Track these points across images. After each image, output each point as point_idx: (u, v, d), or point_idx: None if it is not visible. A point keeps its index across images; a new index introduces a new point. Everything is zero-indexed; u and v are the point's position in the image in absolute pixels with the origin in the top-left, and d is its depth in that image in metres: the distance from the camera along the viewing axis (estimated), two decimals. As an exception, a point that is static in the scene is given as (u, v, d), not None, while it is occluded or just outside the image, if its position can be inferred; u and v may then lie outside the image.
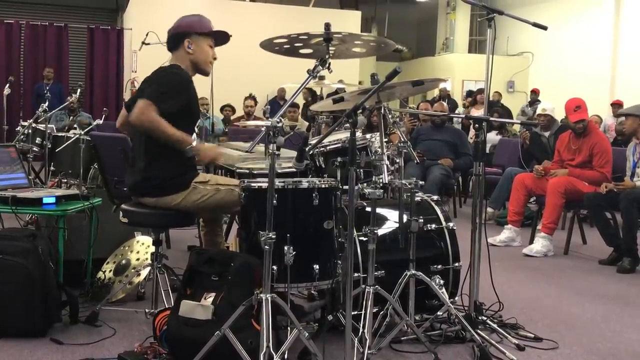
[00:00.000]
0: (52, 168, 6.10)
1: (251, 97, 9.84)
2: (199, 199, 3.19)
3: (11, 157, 3.69)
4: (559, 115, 7.01)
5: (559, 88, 13.15)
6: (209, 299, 2.72)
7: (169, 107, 3.06)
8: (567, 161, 5.65)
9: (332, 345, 2.92)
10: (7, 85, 7.34)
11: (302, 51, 3.19)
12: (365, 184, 2.97)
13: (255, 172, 3.37)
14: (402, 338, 3.06)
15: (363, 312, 2.73)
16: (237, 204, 3.11)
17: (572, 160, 5.59)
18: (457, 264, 3.35)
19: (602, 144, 5.51)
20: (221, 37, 3.38)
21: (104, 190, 4.36)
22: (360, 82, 12.77)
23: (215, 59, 3.36)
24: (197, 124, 3.35)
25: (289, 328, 2.76)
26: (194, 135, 3.29)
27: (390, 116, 3.15)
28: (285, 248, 2.67)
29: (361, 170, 3.05)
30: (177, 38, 3.27)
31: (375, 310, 2.89)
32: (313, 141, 3.04)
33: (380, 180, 2.90)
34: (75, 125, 8.40)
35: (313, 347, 2.58)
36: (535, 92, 13.48)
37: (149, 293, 3.55)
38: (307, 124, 9.12)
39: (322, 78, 3.24)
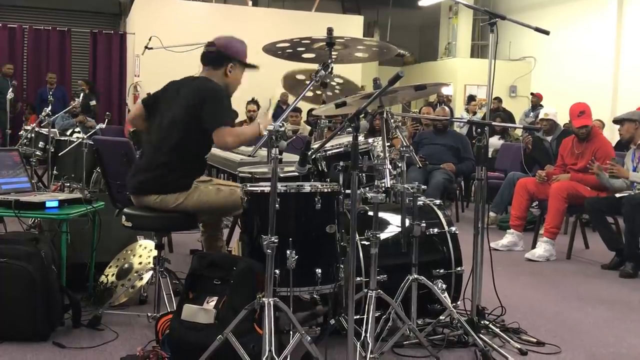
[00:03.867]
0: (55, 172, 6.10)
1: (253, 101, 9.83)
2: (200, 199, 3.20)
3: (14, 161, 3.70)
4: (562, 120, 7.01)
5: (560, 93, 13.13)
6: (211, 303, 2.72)
7: (232, 119, 3.22)
8: (569, 165, 5.64)
9: (335, 349, 2.91)
10: (10, 89, 7.36)
11: (304, 55, 3.21)
12: (367, 188, 2.97)
13: (257, 176, 3.38)
14: (405, 342, 3.06)
15: (365, 316, 2.73)
16: (238, 206, 3.12)
17: (575, 164, 5.58)
18: (459, 269, 3.35)
19: (605, 148, 5.50)
20: (249, 67, 3.46)
21: (106, 194, 4.36)
22: (362, 87, 12.76)
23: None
24: None
25: (291, 332, 2.76)
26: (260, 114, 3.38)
27: (392, 121, 3.15)
28: (288, 252, 2.68)
29: (363, 175, 3.05)
30: (222, 58, 3.33)
31: (377, 314, 2.89)
32: (315, 145, 3.05)
33: (383, 185, 2.90)
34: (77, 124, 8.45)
35: (315, 352, 2.58)
36: (537, 97, 13.46)
37: (151, 297, 3.55)
38: (309, 128, 9.12)
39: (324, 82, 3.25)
